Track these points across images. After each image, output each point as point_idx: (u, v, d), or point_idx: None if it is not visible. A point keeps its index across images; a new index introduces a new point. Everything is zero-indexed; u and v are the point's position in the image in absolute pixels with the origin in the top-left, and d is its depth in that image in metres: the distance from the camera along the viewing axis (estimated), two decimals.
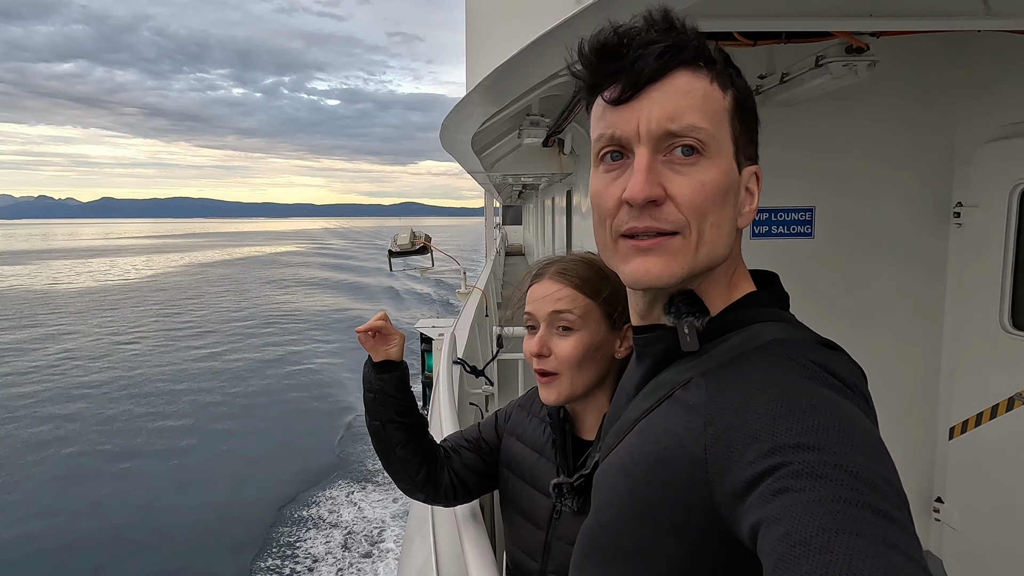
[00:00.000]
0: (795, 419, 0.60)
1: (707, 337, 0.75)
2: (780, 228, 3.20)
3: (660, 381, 0.78)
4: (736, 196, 0.75)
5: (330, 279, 39.59)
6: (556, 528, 1.22)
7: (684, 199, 0.70)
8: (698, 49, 0.72)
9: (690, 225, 0.70)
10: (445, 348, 3.04)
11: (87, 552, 8.15)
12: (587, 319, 1.17)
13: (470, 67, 3.11)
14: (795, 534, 0.51)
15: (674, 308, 0.76)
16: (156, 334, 21.96)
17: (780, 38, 2.34)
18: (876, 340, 3.18)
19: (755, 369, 0.69)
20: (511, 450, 1.36)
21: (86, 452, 11.40)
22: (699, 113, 0.70)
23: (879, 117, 3.13)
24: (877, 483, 0.54)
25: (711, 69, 0.72)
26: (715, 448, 0.65)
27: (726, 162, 0.72)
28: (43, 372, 17.14)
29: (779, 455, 0.58)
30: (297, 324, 23.73)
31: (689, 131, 0.69)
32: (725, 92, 0.73)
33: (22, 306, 29.45)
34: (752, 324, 0.75)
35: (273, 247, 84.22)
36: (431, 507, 1.62)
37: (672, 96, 0.70)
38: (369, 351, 1.31)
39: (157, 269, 51.40)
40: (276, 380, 16.05)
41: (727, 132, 0.73)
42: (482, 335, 5.49)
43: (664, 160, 0.71)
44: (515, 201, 26.88)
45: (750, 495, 0.59)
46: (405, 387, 1.33)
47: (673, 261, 0.71)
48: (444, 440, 1.43)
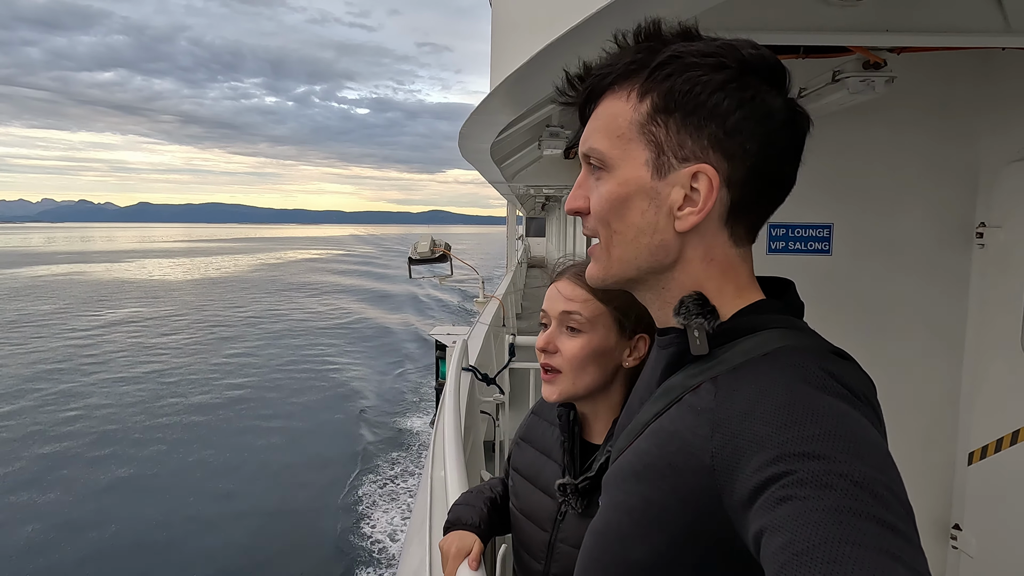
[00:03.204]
0: (800, 427, 0.60)
1: (717, 342, 0.75)
2: (797, 244, 3.16)
3: (671, 384, 0.78)
4: (652, 201, 0.75)
5: (355, 285, 40.04)
6: (560, 530, 1.22)
7: (592, 210, 0.79)
8: (620, 71, 0.76)
9: (599, 232, 0.79)
10: (456, 355, 3.05)
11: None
12: (595, 323, 1.18)
13: (493, 76, 3.14)
14: (797, 543, 0.51)
15: (684, 310, 0.76)
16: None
17: (798, 53, 2.33)
18: (894, 360, 3.12)
19: (763, 375, 0.68)
20: (521, 454, 1.38)
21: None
22: (598, 134, 0.78)
23: (900, 133, 3.09)
24: (882, 494, 0.54)
25: (634, 81, 0.75)
26: (722, 455, 0.65)
27: (624, 173, 0.76)
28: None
29: (783, 463, 0.58)
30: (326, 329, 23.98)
31: (590, 151, 0.79)
32: (643, 100, 0.74)
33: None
34: (763, 330, 0.74)
35: (307, 252, 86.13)
36: (430, 508, 1.63)
37: (591, 122, 0.80)
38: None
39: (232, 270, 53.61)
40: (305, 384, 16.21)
41: (637, 142, 0.75)
42: (498, 344, 5.50)
43: (593, 176, 0.80)
44: (539, 213, 26.92)
45: (755, 503, 0.59)
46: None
47: (595, 264, 0.82)
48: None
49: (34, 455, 11.38)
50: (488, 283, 7.99)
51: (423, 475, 2.20)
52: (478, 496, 1.40)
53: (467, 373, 3.13)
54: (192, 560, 8.01)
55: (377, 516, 9.19)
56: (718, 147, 0.72)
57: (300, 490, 10.04)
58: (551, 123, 4.68)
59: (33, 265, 58.15)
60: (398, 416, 13.74)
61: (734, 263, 0.78)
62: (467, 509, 1.35)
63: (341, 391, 15.57)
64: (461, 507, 1.37)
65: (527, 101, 2.80)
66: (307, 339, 22.28)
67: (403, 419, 13.46)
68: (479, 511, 1.34)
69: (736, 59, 0.73)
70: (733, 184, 0.73)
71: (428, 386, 15.51)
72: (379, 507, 9.48)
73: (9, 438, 12.16)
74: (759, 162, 0.73)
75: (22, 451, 11.51)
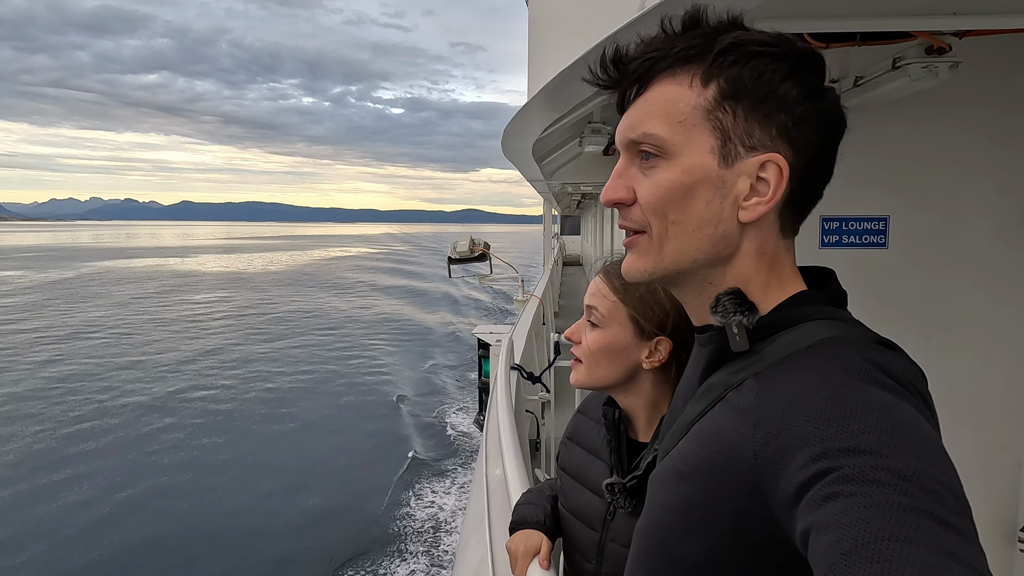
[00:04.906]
0: (845, 421, 0.58)
1: (757, 336, 0.73)
2: (851, 238, 3.07)
3: (712, 383, 0.77)
4: (718, 190, 0.73)
5: (391, 284, 40.71)
6: (610, 529, 1.22)
7: (642, 200, 0.75)
8: (679, 54, 0.74)
9: (650, 224, 0.75)
10: (502, 354, 3.05)
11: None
12: (611, 319, 1.20)
13: (532, 74, 3.13)
14: (845, 542, 0.49)
15: (720, 307, 0.74)
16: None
17: (855, 40, 2.26)
18: (954, 358, 3.01)
19: (805, 369, 0.67)
20: (569, 454, 1.37)
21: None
22: (656, 119, 0.74)
23: (962, 122, 2.97)
24: (934, 488, 0.52)
25: (696, 67, 0.73)
26: (766, 453, 0.64)
27: (689, 160, 0.73)
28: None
29: (828, 459, 0.56)
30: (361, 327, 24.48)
31: (643, 138, 0.75)
32: (707, 86, 0.72)
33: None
34: (804, 322, 0.72)
35: (347, 250, 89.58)
36: (487, 506, 1.63)
37: (640, 106, 0.76)
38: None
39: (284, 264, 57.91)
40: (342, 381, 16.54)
41: (700, 129, 0.73)
42: (539, 342, 5.50)
43: (638, 165, 0.77)
44: (574, 211, 26.79)
45: (800, 501, 0.57)
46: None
47: (641, 258, 0.78)
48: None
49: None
50: (524, 282, 8.01)
51: (476, 473, 2.20)
52: (540, 495, 1.40)
53: (513, 372, 3.13)
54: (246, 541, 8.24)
55: (419, 512, 9.39)
56: (786, 136, 0.72)
57: (345, 479, 10.30)
58: (592, 119, 4.65)
59: (108, 260, 64.17)
60: (438, 409, 14.14)
61: (781, 255, 0.77)
62: (531, 508, 1.35)
63: (379, 385, 16.01)
64: (525, 506, 1.37)
65: (572, 100, 2.79)
66: (347, 332, 23.17)
67: (444, 415, 13.72)
68: (543, 509, 1.33)
69: (795, 50, 0.73)
70: (794, 175, 0.72)
71: (463, 380, 15.99)
72: (423, 499, 9.72)
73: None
74: (818, 153, 0.73)
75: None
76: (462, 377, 16.71)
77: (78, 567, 7.39)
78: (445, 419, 13.34)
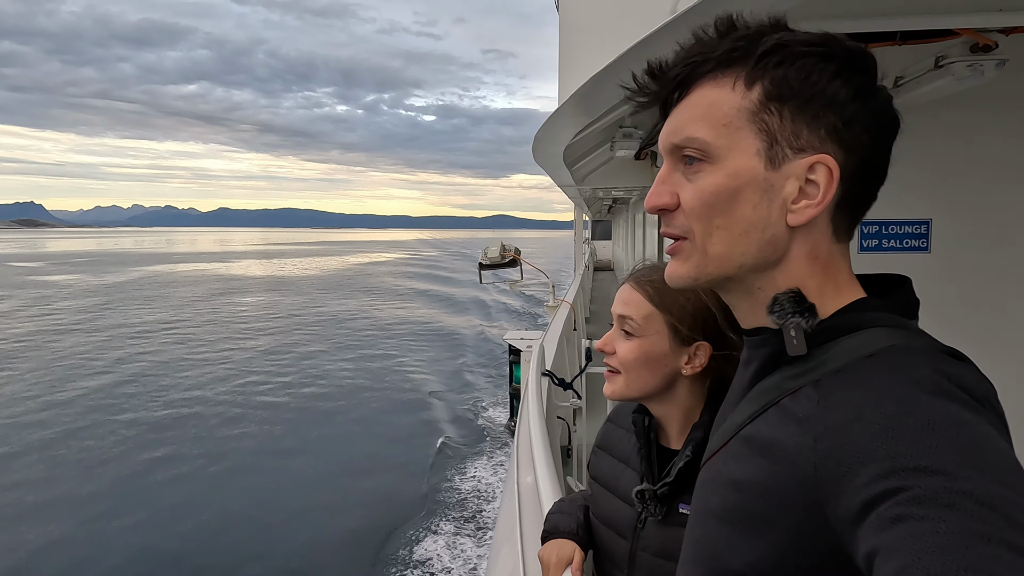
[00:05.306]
0: (916, 438, 0.54)
1: (815, 341, 0.70)
2: (892, 242, 2.99)
3: (766, 386, 0.74)
4: (765, 193, 0.71)
5: (423, 289, 41.19)
6: (641, 538, 1.20)
7: (687, 205, 0.74)
8: (721, 57, 0.72)
9: (693, 229, 0.74)
10: (534, 360, 3.04)
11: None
12: (648, 328, 1.18)
13: (563, 80, 3.13)
14: (914, 570, 0.46)
15: (778, 308, 0.72)
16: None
17: (895, 39, 2.20)
18: (1002, 368, 2.89)
19: (870, 378, 0.63)
20: (600, 462, 1.36)
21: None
22: (699, 123, 0.73)
23: (1007, 123, 2.87)
24: (1013, 514, 0.48)
25: (739, 69, 0.71)
26: (826, 467, 0.61)
27: (734, 163, 0.71)
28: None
29: (897, 478, 0.53)
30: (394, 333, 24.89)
31: (686, 142, 0.73)
32: (751, 88, 0.70)
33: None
34: (867, 328, 0.69)
35: (380, 255, 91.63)
36: (519, 514, 1.63)
37: (683, 111, 0.75)
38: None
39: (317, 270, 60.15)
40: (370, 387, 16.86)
41: (746, 131, 0.71)
42: (570, 349, 5.47)
43: (682, 170, 0.75)
44: (605, 215, 26.62)
45: (865, 521, 0.54)
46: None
47: (685, 263, 0.76)
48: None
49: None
50: (555, 287, 8.00)
51: (507, 480, 2.20)
52: (572, 504, 1.38)
53: (544, 378, 3.11)
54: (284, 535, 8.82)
55: (463, 485, 10.14)
56: (835, 137, 0.69)
57: (394, 462, 11.07)
58: (624, 124, 4.62)
59: (155, 264, 67.06)
60: (472, 402, 14.96)
61: (835, 260, 0.74)
62: (564, 517, 1.34)
63: (411, 388, 16.57)
64: (557, 515, 1.36)
65: (603, 105, 2.77)
66: (387, 334, 23.99)
67: (478, 410, 14.30)
68: (576, 519, 1.32)
69: (843, 49, 0.70)
70: (845, 176, 0.70)
71: (492, 385, 16.55)
72: (466, 474, 10.61)
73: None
74: (871, 155, 0.71)
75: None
76: (494, 376, 17.35)
77: (186, 530, 8.80)
78: (479, 412, 14.27)
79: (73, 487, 10.05)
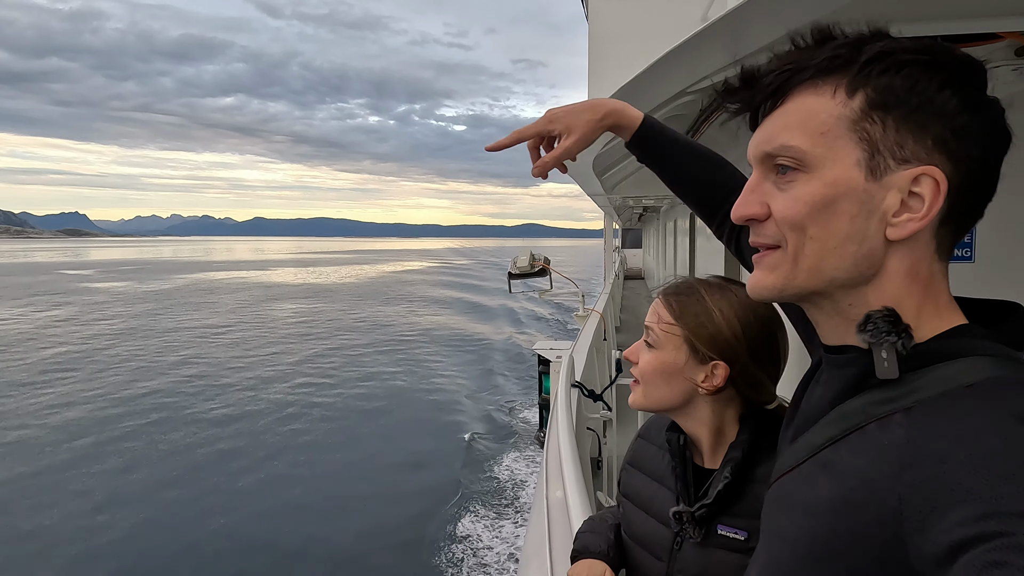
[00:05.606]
0: (1019, 481, 0.51)
1: (909, 366, 0.66)
2: None
3: (848, 409, 0.70)
4: (864, 205, 0.67)
5: (455, 296, 41.59)
6: (677, 560, 1.17)
7: (779, 215, 0.72)
8: (821, 65, 0.69)
9: (786, 239, 0.71)
10: (563, 371, 3.02)
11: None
12: (666, 341, 1.18)
13: (592, 89, 3.12)
14: None
15: (871, 327, 0.67)
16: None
17: None
18: None
19: (969, 412, 0.59)
20: (631, 480, 1.33)
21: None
22: (794, 131, 0.70)
23: None
24: None
25: (839, 77, 0.68)
26: (913, 500, 0.57)
27: (832, 173, 0.67)
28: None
29: (996, 522, 0.49)
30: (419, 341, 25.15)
31: (781, 150, 0.71)
32: (853, 96, 0.67)
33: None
34: (967, 356, 0.65)
35: (412, 263, 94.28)
36: (548, 531, 1.60)
37: (777, 119, 0.72)
38: None
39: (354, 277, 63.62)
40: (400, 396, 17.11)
41: (845, 140, 0.67)
42: (600, 359, 5.43)
43: (773, 179, 0.73)
44: (635, 224, 26.43)
45: (954, 563, 0.51)
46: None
47: (772, 274, 0.74)
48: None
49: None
50: (585, 296, 7.96)
51: (536, 494, 2.18)
52: (602, 523, 1.36)
53: (574, 389, 3.09)
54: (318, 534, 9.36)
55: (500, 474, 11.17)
56: (943, 149, 0.66)
57: (410, 480, 11.39)
58: None
59: (200, 272, 70.78)
60: (506, 405, 15.76)
61: (936, 280, 0.70)
62: (594, 536, 1.32)
63: (444, 390, 17.35)
64: (587, 535, 1.34)
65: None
66: (422, 341, 24.78)
67: (509, 421, 14.67)
68: (607, 538, 1.30)
69: (952, 58, 0.67)
70: (952, 190, 0.66)
71: (521, 389, 17.23)
72: (502, 465, 11.62)
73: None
74: (980, 168, 0.67)
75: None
76: (524, 379, 18.17)
77: (252, 513, 9.92)
78: (513, 413, 15.21)
79: (150, 474, 11.40)
